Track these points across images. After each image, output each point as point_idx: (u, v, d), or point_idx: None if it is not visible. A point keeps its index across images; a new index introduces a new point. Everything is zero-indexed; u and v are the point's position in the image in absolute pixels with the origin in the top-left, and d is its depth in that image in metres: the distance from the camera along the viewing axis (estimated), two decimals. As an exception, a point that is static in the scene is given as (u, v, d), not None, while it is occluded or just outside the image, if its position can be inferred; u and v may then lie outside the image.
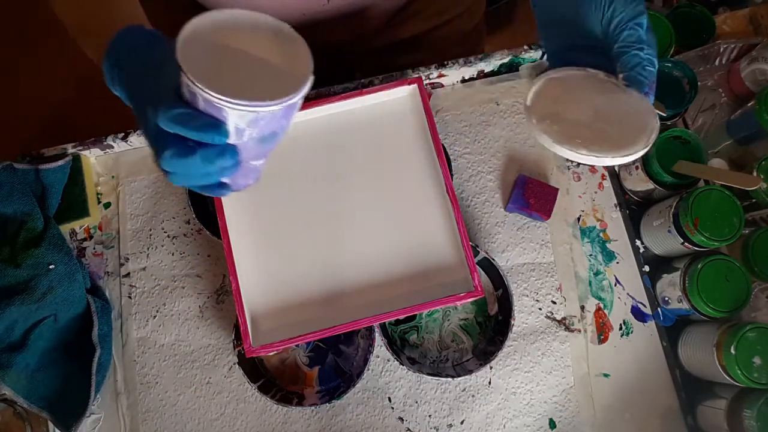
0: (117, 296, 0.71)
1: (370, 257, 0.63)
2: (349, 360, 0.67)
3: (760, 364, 0.57)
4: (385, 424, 0.66)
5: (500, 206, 0.72)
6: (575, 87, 0.47)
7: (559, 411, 0.66)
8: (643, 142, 0.43)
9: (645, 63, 0.43)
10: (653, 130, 0.44)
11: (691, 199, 0.60)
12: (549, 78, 0.48)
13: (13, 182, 0.67)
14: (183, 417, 0.67)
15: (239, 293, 0.61)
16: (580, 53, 0.47)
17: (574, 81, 0.47)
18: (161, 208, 0.73)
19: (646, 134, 0.44)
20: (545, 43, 0.50)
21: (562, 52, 0.48)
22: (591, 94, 0.46)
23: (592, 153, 0.43)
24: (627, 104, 0.44)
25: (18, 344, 0.64)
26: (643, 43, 0.42)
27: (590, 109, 0.45)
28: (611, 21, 0.43)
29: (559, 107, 0.47)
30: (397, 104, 0.68)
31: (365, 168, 0.66)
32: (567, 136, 0.45)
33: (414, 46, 0.82)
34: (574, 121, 0.46)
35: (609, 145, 0.44)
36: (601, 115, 0.45)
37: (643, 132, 0.44)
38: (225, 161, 0.40)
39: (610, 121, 0.45)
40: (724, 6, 0.85)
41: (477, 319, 0.68)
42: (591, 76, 0.47)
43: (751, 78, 0.70)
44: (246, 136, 0.41)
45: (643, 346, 0.67)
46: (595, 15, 0.43)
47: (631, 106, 0.44)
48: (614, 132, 0.44)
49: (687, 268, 0.63)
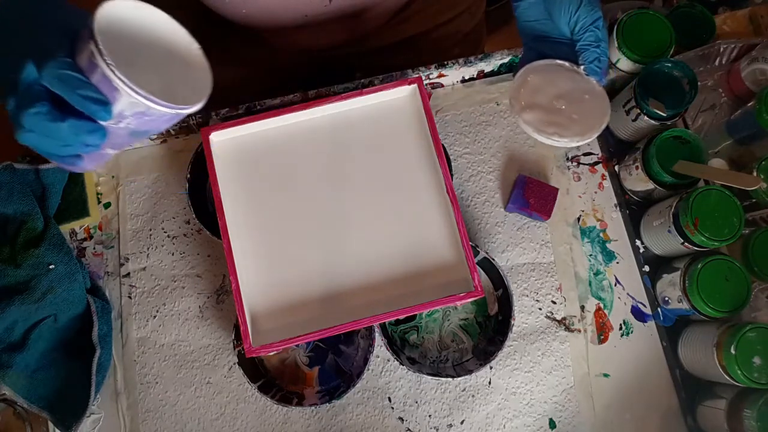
0: (117, 296, 0.71)
1: (370, 257, 0.63)
2: (349, 360, 0.67)
3: (760, 364, 0.57)
4: (385, 424, 0.66)
5: (500, 206, 0.72)
6: (549, 75, 0.58)
7: (559, 411, 0.66)
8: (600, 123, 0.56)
9: (601, 57, 0.55)
10: (607, 109, 0.57)
11: (691, 199, 0.60)
12: (528, 69, 0.58)
13: (13, 182, 0.67)
14: (183, 417, 0.67)
15: (239, 293, 0.61)
16: (550, 44, 0.58)
17: (548, 70, 0.58)
18: (161, 208, 0.73)
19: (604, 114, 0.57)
20: (523, 35, 0.61)
21: (537, 41, 0.59)
22: (561, 81, 0.58)
23: (563, 139, 0.56)
24: (587, 89, 0.57)
25: (18, 344, 0.64)
26: (600, 41, 0.54)
27: (560, 93, 0.57)
28: (576, 24, 0.55)
29: (537, 96, 0.57)
30: (397, 104, 0.68)
31: (365, 168, 0.66)
32: (544, 123, 0.56)
33: (414, 46, 0.82)
34: (548, 108, 0.57)
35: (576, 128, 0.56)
36: (568, 98, 0.57)
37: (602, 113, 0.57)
38: (92, 139, 0.40)
39: (575, 102, 0.57)
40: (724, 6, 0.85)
41: (477, 319, 0.68)
42: (560, 66, 0.58)
43: (751, 78, 0.70)
44: (123, 124, 0.41)
45: (643, 346, 0.67)
46: (563, 19, 0.55)
47: (590, 91, 0.57)
48: (579, 114, 0.56)
49: (687, 268, 0.63)
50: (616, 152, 0.73)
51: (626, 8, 0.70)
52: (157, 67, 0.43)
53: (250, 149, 0.67)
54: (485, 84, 0.76)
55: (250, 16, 0.69)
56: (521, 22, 0.60)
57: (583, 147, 0.73)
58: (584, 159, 0.73)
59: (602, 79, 0.56)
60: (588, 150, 0.73)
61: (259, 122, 0.66)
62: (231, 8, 0.68)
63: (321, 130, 0.67)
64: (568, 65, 0.58)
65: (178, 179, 0.73)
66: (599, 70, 0.55)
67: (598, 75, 0.55)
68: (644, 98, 0.64)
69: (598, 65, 0.55)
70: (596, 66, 0.55)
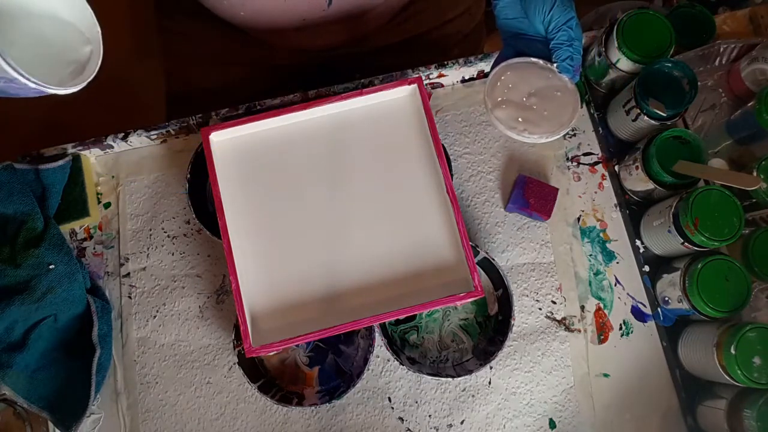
0: (117, 296, 0.71)
1: (370, 257, 0.63)
2: (349, 360, 0.67)
3: (760, 364, 0.57)
4: (385, 424, 0.66)
5: (500, 206, 0.72)
6: (522, 73, 0.60)
7: (559, 411, 0.66)
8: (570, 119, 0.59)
9: (573, 55, 0.57)
10: (576, 106, 0.59)
11: (691, 199, 0.60)
12: (503, 66, 0.60)
13: (13, 182, 0.67)
14: (183, 417, 0.67)
15: (239, 293, 0.61)
16: (526, 41, 0.61)
17: (522, 68, 0.60)
18: (161, 208, 0.73)
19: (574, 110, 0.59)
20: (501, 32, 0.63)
21: (514, 38, 0.62)
22: (534, 79, 0.60)
23: (533, 135, 0.58)
24: (559, 86, 0.59)
25: (18, 344, 0.64)
26: (572, 40, 0.56)
27: (532, 90, 0.59)
28: (550, 23, 0.57)
29: (510, 93, 0.60)
30: (397, 104, 0.68)
31: (365, 168, 0.66)
32: (516, 120, 0.59)
33: (414, 47, 0.82)
34: (519, 104, 0.59)
35: (546, 125, 0.59)
36: (540, 95, 0.59)
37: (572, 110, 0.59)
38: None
39: (547, 99, 0.59)
40: (724, 6, 0.85)
41: (477, 319, 0.68)
42: (534, 64, 0.60)
43: (751, 78, 0.70)
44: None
45: (643, 346, 0.67)
46: (538, 18, 0.57)
47: (561, 88, 0.59)
48: (550, 110, 0.59)
49: (687, 268, 0.63)
50: (616, 152, 0.73)
51: (626, 8, 0.70)
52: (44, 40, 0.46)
53: (250, 149, 0.67)
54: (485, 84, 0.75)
55: (248, 18, 0.69)
56: (500, 20, 0.62)
57: (584, 147, 0.73)
58: (584, 159, 0.73)
59: (575, 77, 0.58)
60: (588, 150, 0.73)
61: (259, 122, 0.66)
62: (229, 10, 0.68)
63: (321, 130, 0.67)
64: (542, 63, 0.59)
65: (178, 179, 0.73)
66: (571, 68, 0.57)
67: (570, 72, 0.58)
68: (644, 98, 0.64)
69: (570, 63, 0.57)
70: (568, 64, 0.57)
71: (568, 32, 0.56)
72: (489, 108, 0.59)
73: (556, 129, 0.58)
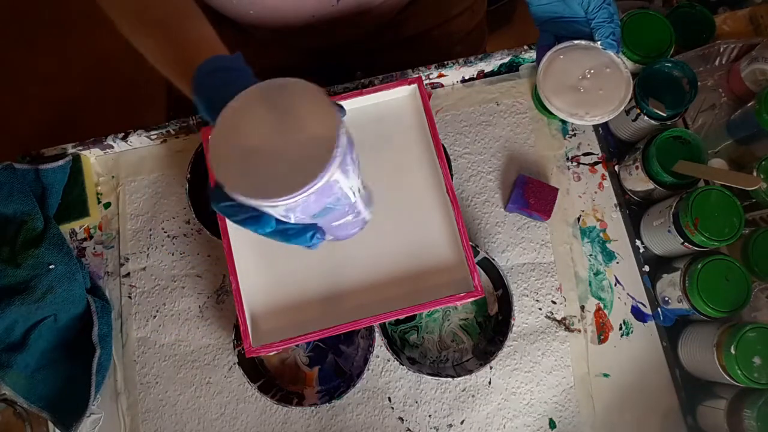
0: (117, 296, 0.71)
1: (370, 257, 0.63)
2: (349, 360, 0.67)
3: (760, 364, 0.57)
4: (385, 424, 0.66)
5: (500, 206, 0.72)
6: (569, 57, 0.63)
7: (559, 411, 0.66)
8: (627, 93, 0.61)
9: (615, 30, 0.60)
10: (628, 77, 0.62)
11: (691, 199, 0.60)
12: (549, 57, 0.62)
13: (13, 182, 0.67)
14: (183, 417, 0.67)
15: (239, 293, 0.61)
16: (564, 23, 0.62)
17: (567, 52, 0.63)
18: (161, 208, 0.73)
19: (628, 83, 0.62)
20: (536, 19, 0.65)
21: (550, 23, 0.63)
22: (582, 60, 0.62)
23: (595, 117, 0.61)
24: (607, 62, 0.62)
25: (18, 344, 0.64)
26: (612, 15, 0.59)
27: (583, 71, 0.62)
28: (589, 4, 0.59)
29: (563, 79, 0.62)
30: (397, 104, 0.68)
31: (365, 168, 0.66)
32: (574, 106, 0.61)
33: (415, 45, 0.82)
34: (574, 89, 0.62)
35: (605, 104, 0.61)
36: (591, 75, 0.62)
37: (626, 83, 0.62)
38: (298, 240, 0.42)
39: (598, 76, 0.62)
40: (724, 6, 0.85)
41: (477, 319, 0.68)
42: (576, 45, 0.62)
43: (751, 78, 0.70)
44: (293, 219, 0.40)
45: (643, 346, 0.67)
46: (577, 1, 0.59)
47: (610, 63, 0.62)
48: (605, 88, 0.61)
49: (687, 268, 0.63)
50: (616, 152, 0.73)
51: (626, 8, 0.70)
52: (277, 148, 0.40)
53: (250, 149, 0.66)
54: (485, 84, 0.76)
55: (257, 16, 0.69)
56: (533, 7, 0.63)
57: (584, 147, 0.73)
58: (584, 159, 0.73)
59: (618, 50, 0.61)
60: (588, 150, 0.73)
61: (259, 122, 0.65)
62: (239, 9, 0.67)
63: (321, 130, 0.67)
64: (584, 43, 0.62)
65: (178, 179, 0.73)
66: (615, 44, 0.60)
67: (615, 47, 0.61)
68: (644, 98, 0.64)
69: (613, 38, 0.60)
70: (612, 40, 0.60)
71: (607, 9, 0.59)
72: (547, 100, 0.62)
73: (617, 105, 0.61)
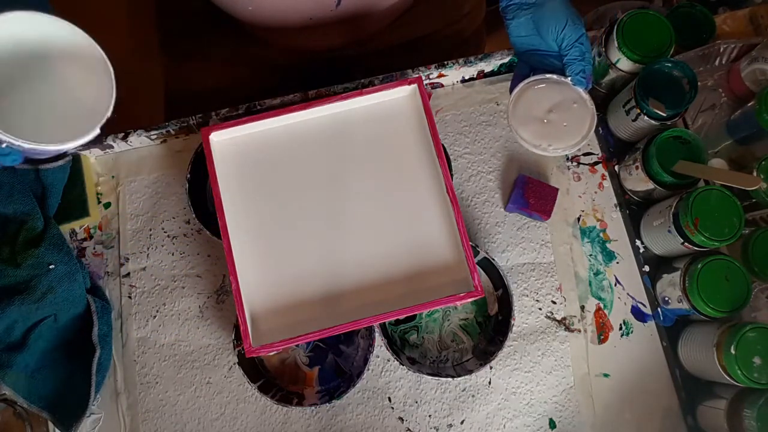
0: (117, 296, 0.71)
1: (370, 257, 0.63)
2: (349, 360, 0.67)
3: (760, 364, 0.57)
4: (385, 424, 0.66)
5: (500, 206, 0.72)
6: (540, 90, 0.64)
7: (559, 411, 0.66)
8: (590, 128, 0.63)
9: (586, 67, 0.61)
10: (593, 114, 0.63)
11: (691, 199, 0.60)
12: (521, 88, 0.64)
13: (13, 182, 0.67)
14: (183, 417, 0.67)
15: (239, 293, 0.61)
16: (540, 56, 0.64)
17: (540, 84, 0.64)
18: (161, 208, 0.73)
19: (592, 118, 0.63)
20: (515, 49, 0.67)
21: (527, 55, 0.66)
22: (551, 94, 0.64)
23: (558, 149, 0.62)
24: (574, 97, 0.63)
25: (18, 344, 0.64)
26: (584, 53, 0.61)
27: (551, 105, 0.63)
28: (563, 41, 0.61)
29: (531, 110, 0.63)
30: (397, 104, 0.68)
31: (365, 168, 0.66)
32: (539, 137, 0.63)
33: (415, 49, 0.82)
34: (540, 121, 0.63)
35: (568, 137, 0.62)
36: (558, 108, 0.63)
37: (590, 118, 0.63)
38: None
39: (564, 110, 0.63)
40: (724, 6, 0.85)
41: (477, 319, 0.68)
42: (548, 79, 0.64)
43: (751, 78, 0.70)
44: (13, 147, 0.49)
45: (643, 346, 0.67)
46: (551, 36, 0.61)
47: (577, 99, 0.63)
48: (570, 122, 0.63)
49: (687, 268, 0.63)
50: (616, 152, 0.73)
51: (626, 8, 0.70)
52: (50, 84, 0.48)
53: (250, 149, 0.67)
54: (485, 84, 0.76)
55: (256, 14, 0.69)
56: (513, 38, 0.65)
57: (583, 147, 0.73)
58: (584, 159, 0.73)
59: (588, 86, 0.63)
60: (588, 150, 0.73)
61: (259, 122, 0.66)
62: (239, 5, 0.67)
63: (321, 130, 0.67)
64: (555, 78, 0.63)
65: (178, 179, 0.73)
66: (584, 80, 0.62)
67: (584, 84, 0.62)
68: (644, 98, 0.64)
69: (583, 76, 0.62)
70: (581, 77, 0.62)
71: (580, 48, 0.60)
72: (514, 129, 0.63)
73: (578, 140, 0.62)
